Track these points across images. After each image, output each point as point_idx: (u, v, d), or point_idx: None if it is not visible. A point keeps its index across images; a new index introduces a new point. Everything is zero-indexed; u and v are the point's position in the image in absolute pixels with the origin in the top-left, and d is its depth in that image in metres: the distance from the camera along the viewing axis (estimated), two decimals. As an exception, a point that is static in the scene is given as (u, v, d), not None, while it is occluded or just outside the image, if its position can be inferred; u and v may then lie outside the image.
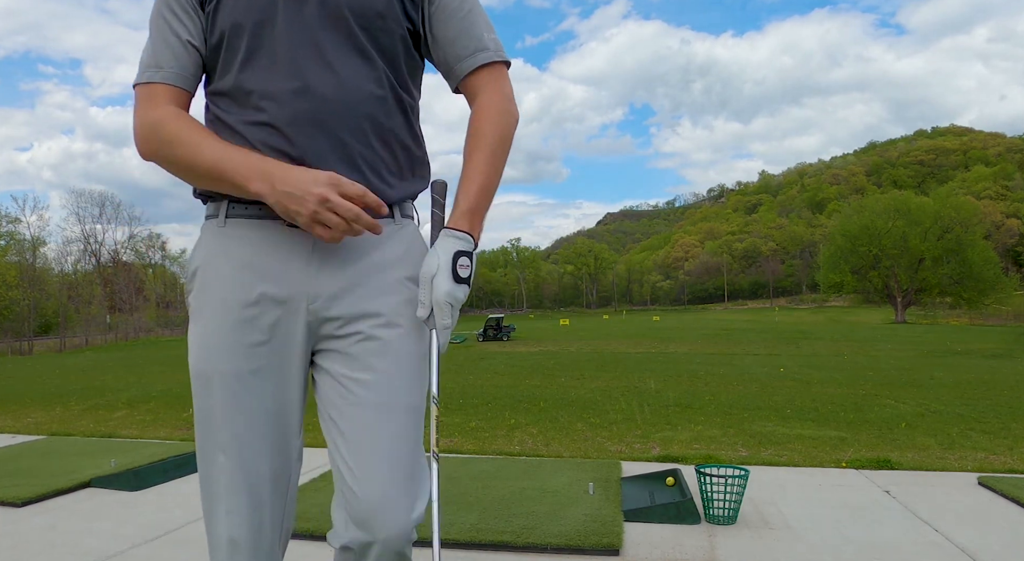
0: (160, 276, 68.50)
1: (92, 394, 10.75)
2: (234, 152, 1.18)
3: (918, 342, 21.87)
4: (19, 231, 49.34)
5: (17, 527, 3.40)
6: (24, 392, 11.42)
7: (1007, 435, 6.18)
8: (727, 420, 7.18)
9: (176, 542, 3.17)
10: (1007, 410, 7.69)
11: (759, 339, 25.18)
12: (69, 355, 29.03)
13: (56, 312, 46.13)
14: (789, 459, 5.11)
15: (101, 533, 3.28)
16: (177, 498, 3.92)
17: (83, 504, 3.82)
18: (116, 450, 5.15)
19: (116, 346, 36.45)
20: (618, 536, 3.03)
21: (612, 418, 7.41)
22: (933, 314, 56.85)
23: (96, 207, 63.41)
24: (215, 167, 1.17)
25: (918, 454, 5.36)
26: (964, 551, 2.93)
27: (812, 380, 11.20)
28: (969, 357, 15.88)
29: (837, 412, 7.66)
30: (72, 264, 57.74)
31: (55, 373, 15.81)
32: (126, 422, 7.56)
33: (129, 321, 50.78)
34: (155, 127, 1.21)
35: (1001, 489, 3.81)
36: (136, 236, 63.79)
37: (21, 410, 8.92)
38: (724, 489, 3.30)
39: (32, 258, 48.21)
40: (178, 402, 9.01)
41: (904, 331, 30.80)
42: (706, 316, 74.95)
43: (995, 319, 47.11)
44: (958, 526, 3.25)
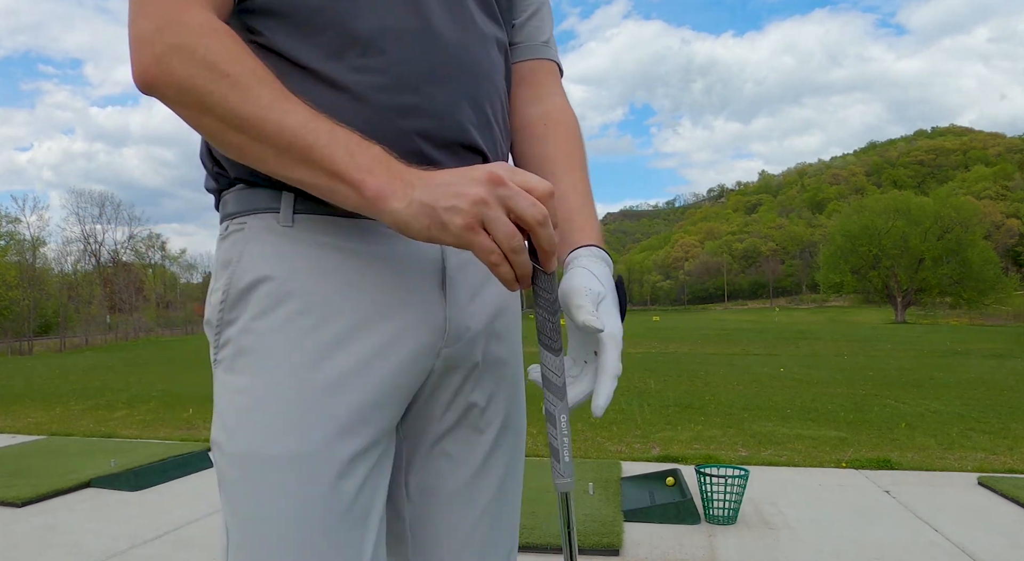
0: (160, 276, 68.48)
1: (92, 394, 10.74)
2: (336, 125, 0.71)
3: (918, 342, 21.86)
4: (19, 231, 49.36)
5: (17, 527, 3.40)
6: (24, 392, 11.41)
7: (1007, 435, 6.18)
8: (727, 420, 7.17)
9: (176, 542, 3.17)
10: (1007, 410, 7.69)
11: (759, 339, 25.16)
12: (69, 355, 29.03)
13: (56, 312, 46.11)
14: (789, 459, 5.11)
15: (101, 533, 3.28)
16: (177, 498, 3.92)
17: (83, 504, 3.82)
18: (116, 450, 5.15)
19: (116, 346, 36.44)
20: (618, 536, 3.03)
21: (612, 418, 7.41)
22: (933, 314, 56.83)
23: (96, 207, 63.41)
24: (300, 140, 0.69)
25: (918, 454, 5.36)
26: (964, 551, 2.93)
27: (812, 380, 11.20)
28: (969, 357, 15.87)
29: (837, 412, 7.65)
30: (72, 264, 57.75)
31: (55, 373, 15.81)
32: (126, 422, 7.56)
33: (129, 321, 50.76)
34: (189, 38, 0.70)
35: (1001, 489, 3.81)
36: (136, 236, 63.76)
37: (21, 410, 8.92)
38: (724, 489, 3.30)
39: (32, 258, 48.21)
40: (178, 402, 9.01)
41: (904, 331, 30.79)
42: (706, 316, 74.92)
43: (995, 319, 47.09)
44: (958, 526, 3.25)
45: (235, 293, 0.81)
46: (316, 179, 0.70)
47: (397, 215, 0.68)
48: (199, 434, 6.35)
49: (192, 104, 0.70)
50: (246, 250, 0.81)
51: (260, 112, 0.69)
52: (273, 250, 0.80)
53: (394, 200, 0.68)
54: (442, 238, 0.68)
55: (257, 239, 0.81)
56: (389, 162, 0.70)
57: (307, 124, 0.69)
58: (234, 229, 0.83)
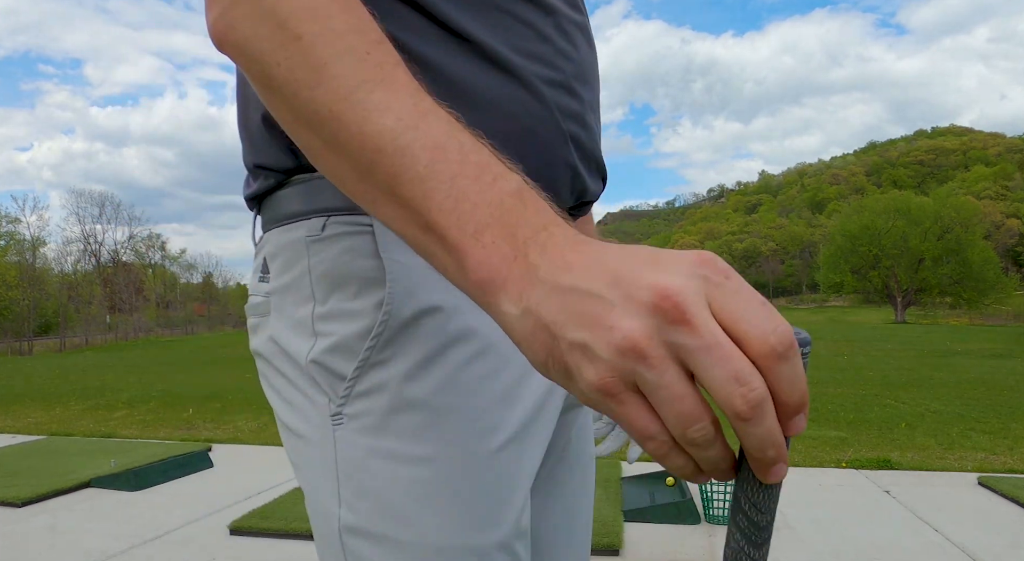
0: (160, 276, 68.48)
1: (92, 394, 10.74)
2: (458, 135, 0.44)
3: (918, 342, 21.85)
4: (19, 231, 49.39)
5: (17, 527, 3.40)
6: (24, 392, 11.41)
7: (1007, 435, 6.18)
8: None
9: (176, 542, 3.17)
10: (1007, 410, 7.69)
11: (759, 339, 25.11)
12: (69, 355, 29.03)
13: (56, 312, 46.11)
14: (789, 459, 5.11)
15: (101, 533, 3.28)
16: (177, 498, 3.92)
17: (83, 504, 3.82)
18: (116, 450, 5.15)
19: (116, 346, 36.45)
20: (618, 536, 3.03)
21: (612, 418, 7.40)
22: (933, 314, 56.84)
23: (96, 207, 63.39)
24: (387, 159, 0.44)
25: (918, 454, 5.36)
26: (964, 551, 2.93)
27: (812, 380, 11.19)
28: (969, 357, 15.87)
29: (837, 412, 7.65)
30: (72, 264, 57.76)
31: (55, 373, 15.81)
32: (126, 422, 7.56)
33: (129, 321, 50.77)
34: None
35: (1001, 489, 3.81)
36: (136, 236, 63.81)
37: (21, 410, 8.92)
38: (724, 489, 3.30)
39: (32, 258, 48.21)
40: (178, 402, 9.01)
41: (904, 331, 30.79)
42: (706, 316, 74.68)
43: (995, 319, 47.08)
44: (958, 526, 3.25)
45: (396, 325, 0.58)
46: (405, 227, 0.45)
47: (507, 323, 0.41)
48: (199, 434, 6.35)
49: (257, 77, 0.48)
50: (398, 266, 0.58)
51: (335, 102, 0.44)
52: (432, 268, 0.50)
53: (504, 297, 0.41)
54: (568, 388, 0.40)
55: (403, 249, 0.58)
56: (518, 218, 0.42)
57: (404, 132, 0.43)
58: (346, 229, 0.60)
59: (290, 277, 0.63)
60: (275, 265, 0.65)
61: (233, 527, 3.30)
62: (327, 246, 0.60)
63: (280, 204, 0.64)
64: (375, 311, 0.58)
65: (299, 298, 0.62)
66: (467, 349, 0.60)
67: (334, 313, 0.60)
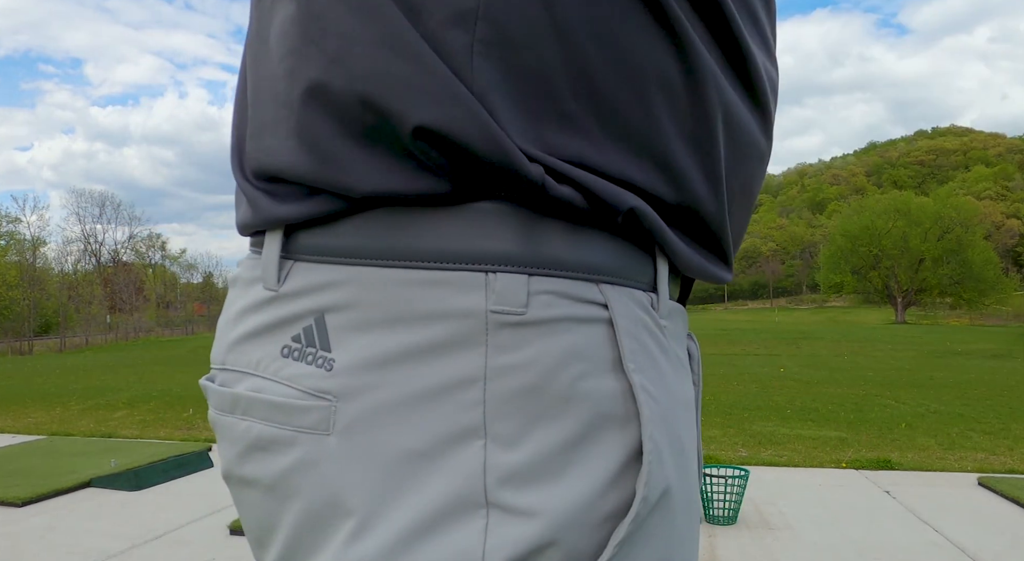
0: (160, 276, 68.49)
1: (92, 394, 10.74)
2: None
3: (918, 342, 21.85)
4: (19, 231, 49.40)
5: (17, 527, 3.40)
6: (24, 392, 11.41)
7: (1007, 435, 6.18)
8: (727, 420, 7.17)
9: (176, 542, 3.17)
10: (1007, 410, 7.69)
11: (759, 339, 25.14)
12: (69, 355, 29.02)
13: (56, 312, 46.10)
14: (789, 459, 5.11)
15: (101, 533, 3.28)
16: (177, 498, 3.92)
17: (83, 504, 3.82)
18: (116, 450, 5.15)
19: (116, 346, 36.42)
20: (618, 536, 3.03)
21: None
22: (933, 314, 56.85)
23: (96, 207, 63.45)
24: None
25: (918, 454, 5.36)
26: (964, 551, 2.93)
27: (812, 380, 11.19)
28: (969, 357, 15.87)
29: (837, 412, 7.66)
30: (72, 264, 57.81)
31: (55, 373, 15.80)
32: (126, 422, 7.56)
33: (129, 321, 50.75)
34: None
35: (1001, 489, 3.82)
36: (136, 236, 63.88)
37: (21, 410, 8.92)
38: (724, 489, 3.30)
39: (32, 258, 48.21)
40: (178, 402, 9.01)
41: (904, 331, 30.78)
42: (706, 316, 74.87)
43: (995, 319, 47.07)
44: (958, 526, 3.25)
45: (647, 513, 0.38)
46: None
47: None
48: (199, 434, 6.35)
49: None
50: (649, 399, 0.38)
51: None
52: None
53: None
54: None
55: (650, 361, 0.40)
56: None
57: None
58: (570, 311, 0.38)
59: (434, 378, 0.35)
60: (369, 341, 0.37)
61: (233, 527, 3.30)
62: (533, 337, 0.35)
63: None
64: (619, 483, 0.35)
65: (445, 426, 0.35)
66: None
67: (538, 473, 0.34)
